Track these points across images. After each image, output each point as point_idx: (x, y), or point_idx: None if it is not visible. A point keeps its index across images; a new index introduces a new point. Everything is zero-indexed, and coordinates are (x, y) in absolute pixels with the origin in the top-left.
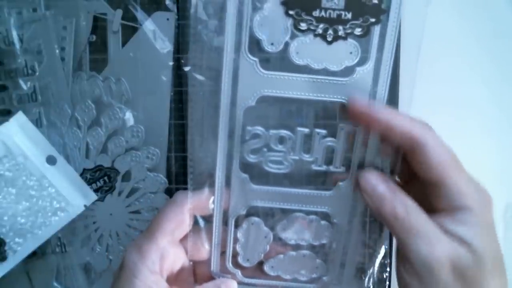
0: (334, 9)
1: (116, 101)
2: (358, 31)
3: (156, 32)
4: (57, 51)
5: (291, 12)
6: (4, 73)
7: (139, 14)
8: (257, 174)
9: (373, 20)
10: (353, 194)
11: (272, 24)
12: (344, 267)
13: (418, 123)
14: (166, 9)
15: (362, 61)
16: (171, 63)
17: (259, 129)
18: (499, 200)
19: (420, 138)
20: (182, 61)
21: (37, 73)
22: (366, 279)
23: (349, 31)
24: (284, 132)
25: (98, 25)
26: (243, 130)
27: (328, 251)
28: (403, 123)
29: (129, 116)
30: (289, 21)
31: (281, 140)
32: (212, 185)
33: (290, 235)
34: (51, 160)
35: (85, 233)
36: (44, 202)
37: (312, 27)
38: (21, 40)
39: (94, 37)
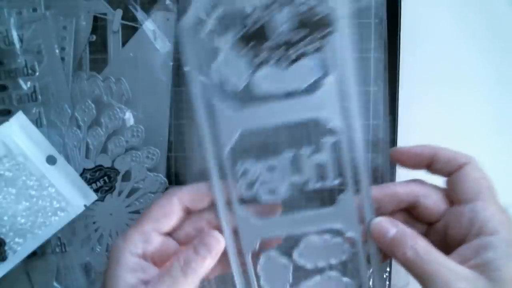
0: (285, 34)
1: (116, 101)
2: (313, 47)
3: (156, 32)
4: (57, 51)
5: (244, 50)
6: (4, 73)
7: (139, 14)
8: (256, 208)
9: (324, 32)
10: (357, 203)
11: (230, 66)
12: (372, 277)
13: (460, 153)
14: (166, 9)
15: (324, 75)
16: (171, 63)
17: (247, 165)
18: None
19: (463, 158)
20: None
21: (37, 73)
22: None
23: (304, 50)
24: (271, 161)
25: (98, 25)
26: (232, 170)
27: (352, 266)
28: (447, 152)
29: (129, 116)
30: (245, 58)
31: (271, 168)
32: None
33: (308, 259)
34: (51, 160)
35: (85, 233)
36: (44, 202)
37: (268, 57)
38: (21, 40)
39: (94, 37)
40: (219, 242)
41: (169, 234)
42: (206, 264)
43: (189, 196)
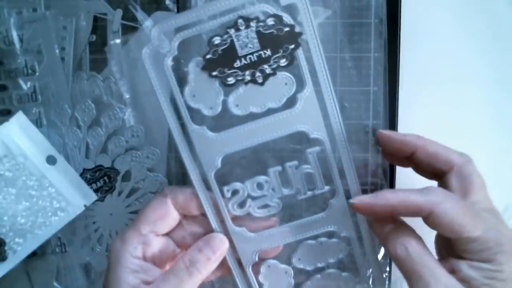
0: (252, 53)
1: (116, 101)
2: (283, 62)
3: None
4: (57, 51)
5: (214, 73)
6: (4, 73)
7: (139, 14)
8: (251, 223)
9: (292, 46)
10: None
11: (202, 91)
12: (370, 269)
13: (445, 147)
14: (166, 9)
15: (300, 87)
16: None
17: (235, 185)
18: (498, 201)
19: (449, 158)
20: (182, 61)
21: (37, 73)
22: (371, 280)
23: (275, 66)
24: (258, 178)
25: (98, 25)
26: (221, 191)
27: (350, 262)
28: (444, 150)
29: (129, 116)
30: (217, 82)
31: (259, 186)
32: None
33: (307, 262)
34: (51, 160)
35: (85, 233)
36: (44, 202)
37: (239, 78)
38: (21, 40)
39: (94, 37)
40: (223, 244)
41: (168, 234)
42: (210, 265)
43: (182, 202)
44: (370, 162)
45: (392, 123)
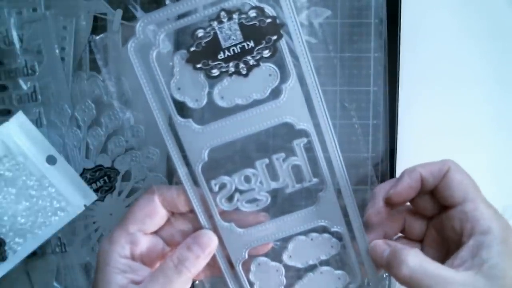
0: (235, 45)
1: (116, 101)
2: (266, 53)
3: (156, 32)
4: (57, 51)
5: (198, 66)
6: (4, 73)
7: (139, 14)
8: (240, 218)
9: (275, 37)
10: (337, 198)
11: (187, 83)
12: (364, 266)
13: (438, 162)
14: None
15: (284, 78)
16: (171, 63)
17: (222, 179)
18: (497, 202)
19: (444, 166)
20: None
21: (37, 73)
22: (366, 279)
23: (258, 57)
24: (246, 171)
25: (98, 25)
26: (208, 185)
27: (342, 259)
28: (427, 166)
29: (129, 116)
30: (201, 74)
31: (247, 179)
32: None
33: (298, 259)
34: (51, 160)
35: (85, 233)
36: (44, 202)
37: (223, 69)
38: (21, 40)
39: (94, 37)
40: (212, 240)
41: (156, 232)
42: (199, 263)
43: (170, 200)
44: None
45: (392, 123)
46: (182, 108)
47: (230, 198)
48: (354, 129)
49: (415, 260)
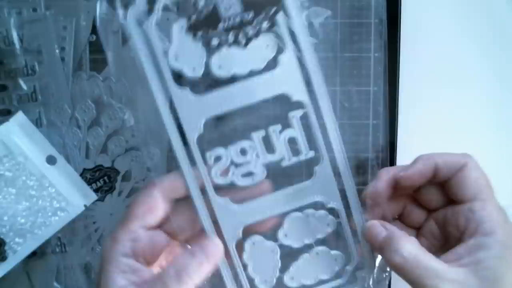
0: (235, 15)
1: (116, 101)
2: (265, 24)
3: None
4: (57, 51)
5: (198, 35)
6: (4, 73)
7: None
8: (236, 192)
9: (274, 9)
10: (333, 173)
11: (186, 52)
12: (360, 245)
13: (457, 154)
14: (166, 9)
15: (281, 50)
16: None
17: (218, 151)
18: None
19: (462, 160)
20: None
21: (37, 73)
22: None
23: (257, 28)
24: (242, 143)
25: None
26: (203, 157)
27: (338, 238)
28: (444, 156)
29: (129, 116)
30: (200, 43)
31: (243, 151)
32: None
33: (294, 238)
34: (51, 160)
35: (85, 233)
36: (44, 202)
37: (223, 39)
38: (21, 40)
39: (94, 37)
40: (219, 249)
41: (159, 226)
42: (202, 270)
43: (169, 186)
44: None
45: (392, 123)
46: (179, 78)
47: (225, 171)
48: (354, 129)
49: (410, 249)
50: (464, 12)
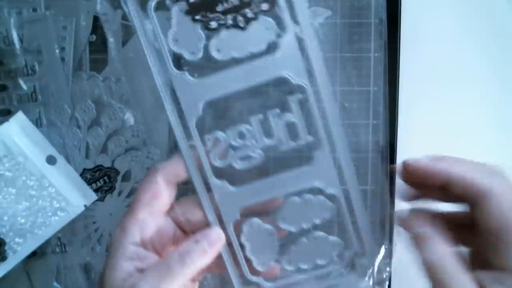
0: None
1: (116, 101)
2: (265, 6)
3: (156, 32)
4: (57, 51)
5: (197, 17)
6: (4, 73)
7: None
8: (234, 175)
9: None
10: (333, 158)
11: (185, 35)
12: (360, 233)
13: (482, 170)
14: (166, 9)
15: (281, 33)
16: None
17: (216, 134)
18: None
19: (484, 187)
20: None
21: (37, 73)
22: (366, 279)
23: (256, 10)
24: (240, 127)
25: (98, 25)
26: (202, 140)
27: (337, 224)
28: (465, 172)
29: (129, 116)
30: (199, 26)
31: (241, 135)
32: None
33: (292, 222)
34: (51, 160)
35: (85, 233)
36: (44, 202)
37: (221, 22)
38: (21, 40)
39: (94, 37)
40: (221, 239)
41: (167, 214)
42: (204, 257)
43: (171, 171)
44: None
45: (392, 123)
46: (178, 61)
47: (223, 154)
48: (354, 129)
49: (442, 252)
50: (464, 12)
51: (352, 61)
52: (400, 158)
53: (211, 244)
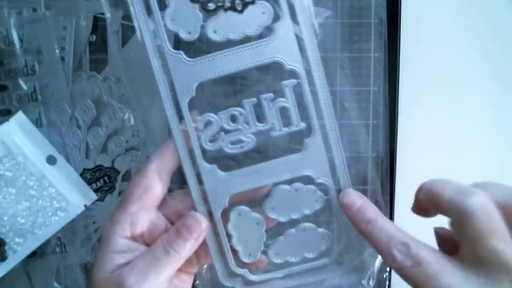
0: None
1: (116, 101)
2: None
3: (156, 32)
4: (57, 51)
5: None
6: (4, 73)
7: None
8: (224, 160)
9: None
10: (324, 147)
11: (182, 15)
12: (350, 227)
13: (466, 192)
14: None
15: (277, 18)
16: None
17: (208, 116)
18: None
19: (466, 208)
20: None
21: (37, 73)
22: (366, 279)
23: None
24: (233, 110)
25: (98, 25)
26: (193, 122)
27: (327, 216)
28: (449, 195)
29: (129, 116)
30: (197, 7)
31: (233, 118)
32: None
33: (281, 212)
34: (51, 160)
35: (85, 233)
36: (44, 202)
37: (219, 4)
38: (21, 40)
39: (94, 37)
40: (200, 224)
41: (158, 209)
42: (188, 245)
43: (162, 162)
44: (371, 162)
45: (392, 123)
46: (174, 40)
47: (214, 137)
48: (354, 129)
49: (380, 220)
50: (464, 12)
51: (352, 61)
52: (400, 158)
53: (191, 232)
